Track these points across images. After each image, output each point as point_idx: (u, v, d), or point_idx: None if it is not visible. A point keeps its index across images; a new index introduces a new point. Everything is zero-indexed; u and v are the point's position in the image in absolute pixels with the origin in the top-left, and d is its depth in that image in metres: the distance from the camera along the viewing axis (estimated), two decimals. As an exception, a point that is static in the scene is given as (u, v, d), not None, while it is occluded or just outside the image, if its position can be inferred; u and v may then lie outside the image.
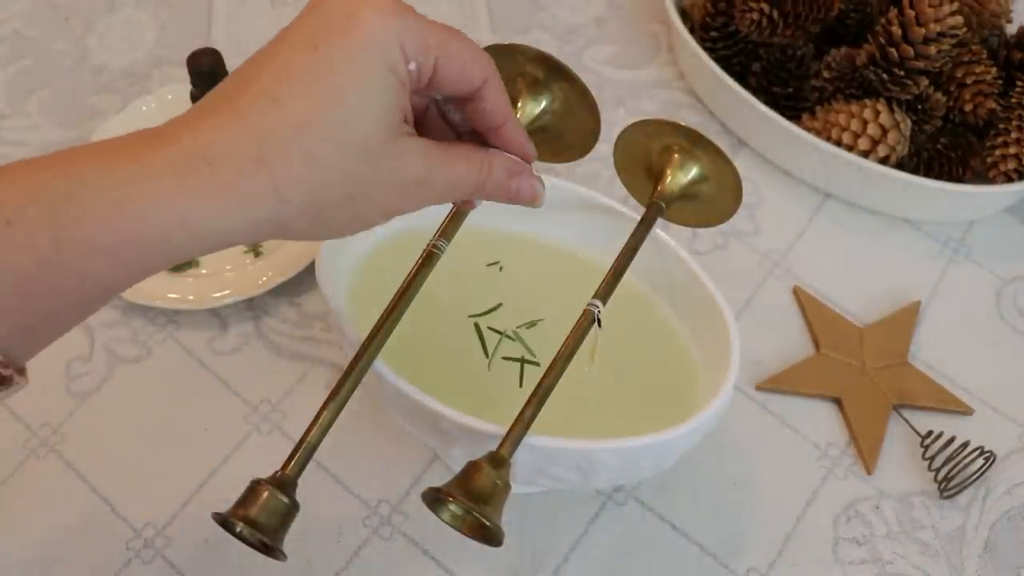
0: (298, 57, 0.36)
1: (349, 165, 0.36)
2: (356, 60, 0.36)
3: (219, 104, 0.36)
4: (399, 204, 0.39)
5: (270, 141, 0.35)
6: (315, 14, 0.37)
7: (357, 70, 0.36)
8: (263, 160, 0.35)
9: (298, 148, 0.35)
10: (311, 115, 0.35)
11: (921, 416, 0.61)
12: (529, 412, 0.44)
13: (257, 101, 0.35)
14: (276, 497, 0.41)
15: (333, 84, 0.35)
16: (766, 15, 0.68)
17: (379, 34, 0.36)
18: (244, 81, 0.36)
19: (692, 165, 0.53)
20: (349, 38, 0.36)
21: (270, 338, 0.62)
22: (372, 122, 0.36)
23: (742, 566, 0.56)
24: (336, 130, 0.36)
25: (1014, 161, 0.66)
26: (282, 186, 0.36)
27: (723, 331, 0.51)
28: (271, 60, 0.36)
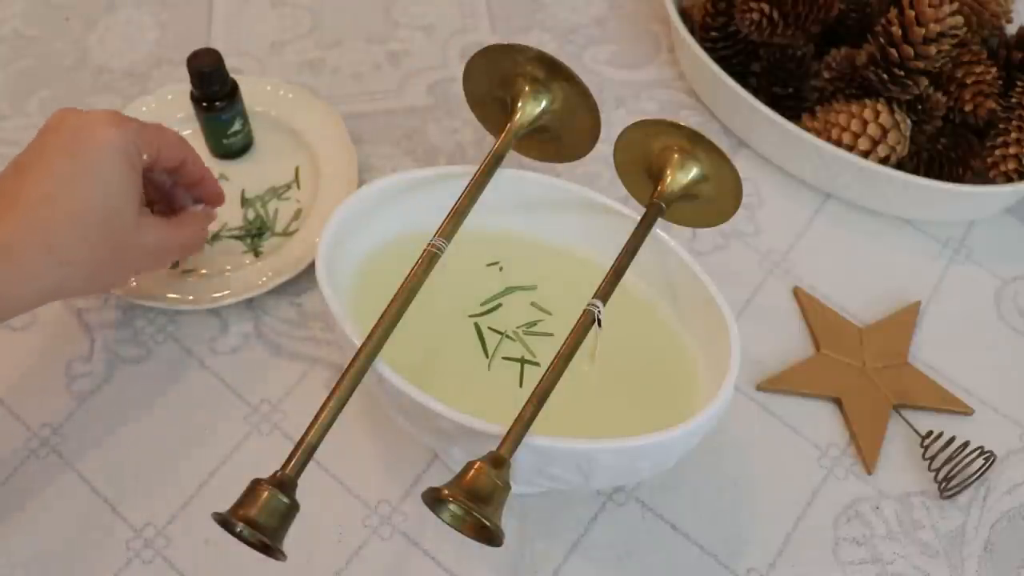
0: (61, 163, 0.47)
1: (114, 238, 0.49)
2: (106, 161, 0.48)
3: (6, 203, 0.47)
4: (150, 263, 0.55)
5: (54, 231, 0.47)
6: (60, 132, 0.48)
7: (109, 168, 0.48)
8: (52, 247, 0.47)
9: (76, 232, 0.48)
10: (82, 207, 0.48)
11: (921, 416, 0.62)
12: (529, 412, 0.44)
13: (36, 201, 0.47)
14: (276, 497, 0.41)
15: (92, 181, 0.48)
16: (766, 15, 0.68)
17: (119, 141, 0.49)
18: (18, 184, 0.47)
19: (692, 165, 0.53)
20: (98, 146, 0.48)
21: (270, 338, 0.62)
22: (125, 205, 0.49)
23: (742, 566, 0.56)
24: (101, 214, 0.48)
25: (1014, 161, 0.66)
26: (66, 262, 0.48)
27: (723, 331, 0.51)
28: (37, 168, 0.47)
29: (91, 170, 0.48)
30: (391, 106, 0.75)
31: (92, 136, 0.48)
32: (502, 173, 0.55)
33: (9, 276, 0.46)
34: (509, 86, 0.55)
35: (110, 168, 0.48)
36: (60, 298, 0.51)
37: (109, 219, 0.49)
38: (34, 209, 0.47)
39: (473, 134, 0.73)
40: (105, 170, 0.48)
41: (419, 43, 0.79)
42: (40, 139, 0.49)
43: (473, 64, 0.55)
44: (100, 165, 0.48)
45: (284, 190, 0.68)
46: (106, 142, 0.48)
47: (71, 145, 0.48)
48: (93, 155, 0.48)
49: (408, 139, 0.73)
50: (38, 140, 0.49)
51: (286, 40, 0.79)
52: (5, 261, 0.46)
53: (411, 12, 0.81)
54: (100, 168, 0.48)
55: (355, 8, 0.81)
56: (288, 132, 0.71)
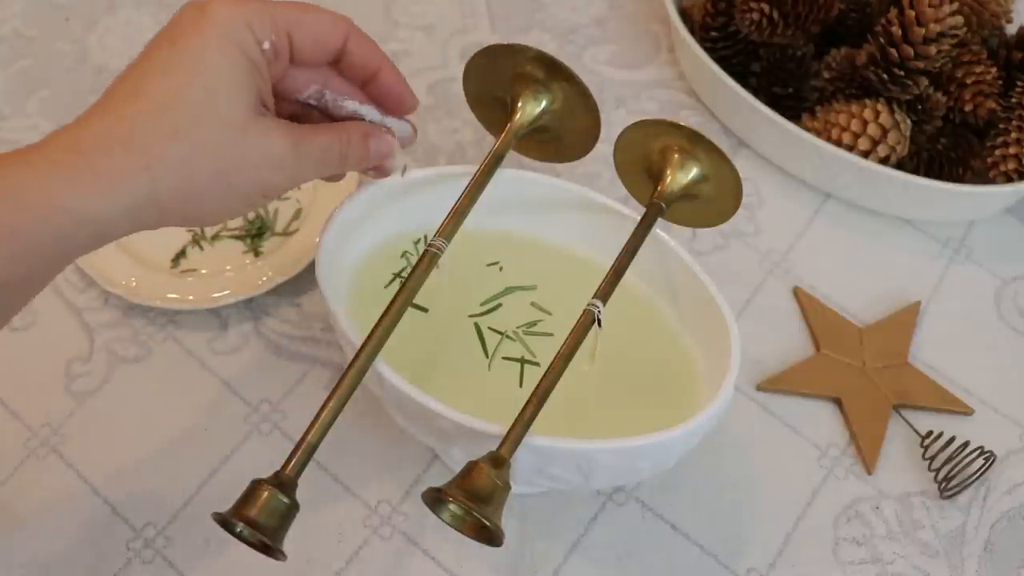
0: (158, 54, 0.40)
1: (213, 138, 0.40)
2: (209, 46, 0.40)
3: (91, 108, 0.40)
4: (270, 178, 0.42)
5: (136, 124, 0.39)
6: (173, 20, 0.41)
7: (211, 55, 0.40)
8: (132, 141, 0.38)
9: (163, 126, 0.39)
10: (172, 98, 0.39)
11: (921, 416, 0.61)
12: (529, 412, 0.44)
13: (123, 96, 0.39)
14: (276, 497, 0.41)
15: (190, 69, 0.39)
16: (766, 15, 0.68)
17: (229, 22, 0.40)
18: (113, 85, 0.41)
19: (692, 165, 0.53)
20: (201, 29, 0.40)
21: (270, 338, 0.62)
22: (231, 99, 0.40)
23: (742, 566, 0.56)
24: (197, 107, 0.39)
25: (1014, 161, 0.66)
26: (153, 163, 0.39)
27: (723, 331, 0.51)
28: (137, 63, 0.41)
29: (188, 58, 0.40)
30: (391, 106, 0.75)
31: (199, 19, 0.40)
32: (502, 173, 0.55)
33: (81, 179, 0.38)
34: (509, 86, 0.55)
35: (213, 55, 0.40)
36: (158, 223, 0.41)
37: (208, 116, 0.40)
38: (119, 105, 0.39)
39: (473, 134, 0.73)
40: (206, 57, 0.40)
41: (419, 43, 0.79)
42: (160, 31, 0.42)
43: (473, 64, 0.55)
44: (200, 52, 0.40)
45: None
46: (213, 25, 0.40)
47: (174, 31, 0.40)
48: (194, 40, 0.40)
49: (408, 139, 0.73)
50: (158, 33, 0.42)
51: (286, 40, 0.79)
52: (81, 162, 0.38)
53: (411, 12, 0.81)
54: (199, 55, 0.40)
55: (355, 8, 0.81)
56: (288, 132, 0.71)
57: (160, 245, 0.64)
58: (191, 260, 0.64)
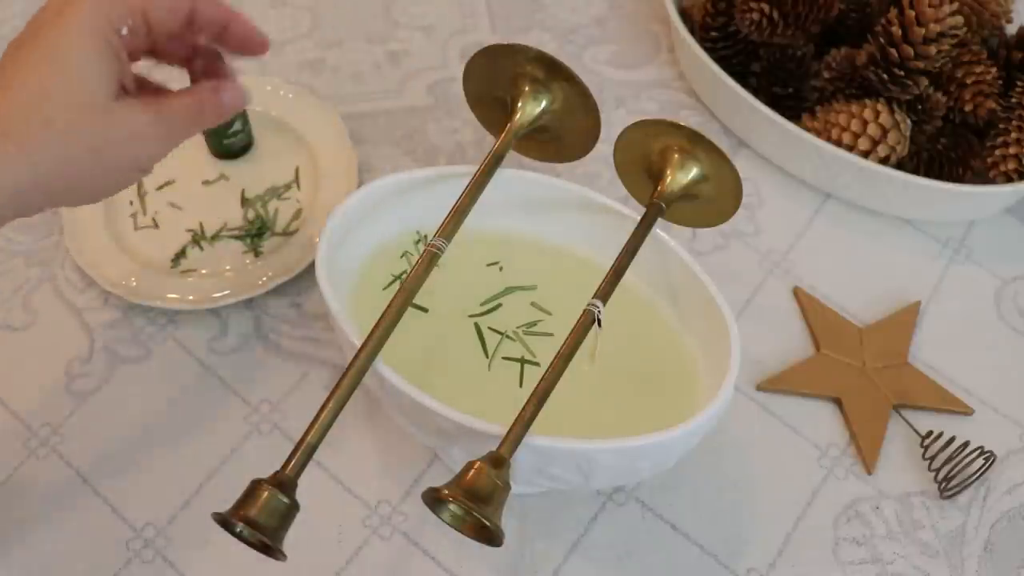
0: (23, 49, 0.43)
1: (83, 121, 0.43)
2: (70, 37, 0.43)
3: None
4: (142, 150, 0.46)
5: (12, 116, 0.42)
6: (36, 14, 0.45)
7: (72, 45, 0.43)
8: (7, 133, 0.41)
9: (35, 115, 0.42)
10: (41, 89, 0.42)
11: (921, 416, 0.61)
12: (529, 412, 0.44)
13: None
14: (276, 497, 0.41)
15: (54, 62, 0.43)
16: (766, 15, 0.68)
17: (87, 14, 0.43)
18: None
19: (692, 165, 0.53)
20: (61, 22, 0.43)
21: (270, 338, 0.62)
22: (94, 84, 0.43)
23: (742, 566, 0.56)
24: (64, 96, 0.42)
25: (1014, 161, 0.66)
26: (30, 151, 0.42)
27: (723, 331, 0.51)
28: (5, 58, 0.44)
29: (51, 52, 0.43)
30: (391, 106, 0.75)
31: (60, 12, 0.43)
32: (502, 173, 0.55)
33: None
34: (509, 86, 0.55)
35: (75, 49, 0.43)
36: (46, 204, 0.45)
37: (74, 104, 0.43)
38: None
39: (473, 134, 0.73)
40: (67, 51, 0.43)
41: (419, 43, 0.79)
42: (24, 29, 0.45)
43: (473, 64, 0.55)
44: (62, 46, 0.43)
45: (284, 190, 0.68)
46: (72, 18, 0.43)
47: (37, 26, 0.44)
48: (54, 33, 0.43)
49: (408, 139, 0.73)
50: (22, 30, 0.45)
51: (286, 40, 0.79)
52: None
53: (411, 12, 0.81)
54: (61, 50, 0.43)
55: (355, 8, 0.81)
56: (288, 132, 0.71)
57: (160, 245, 0.64)
58: (191, 260, 0.64)
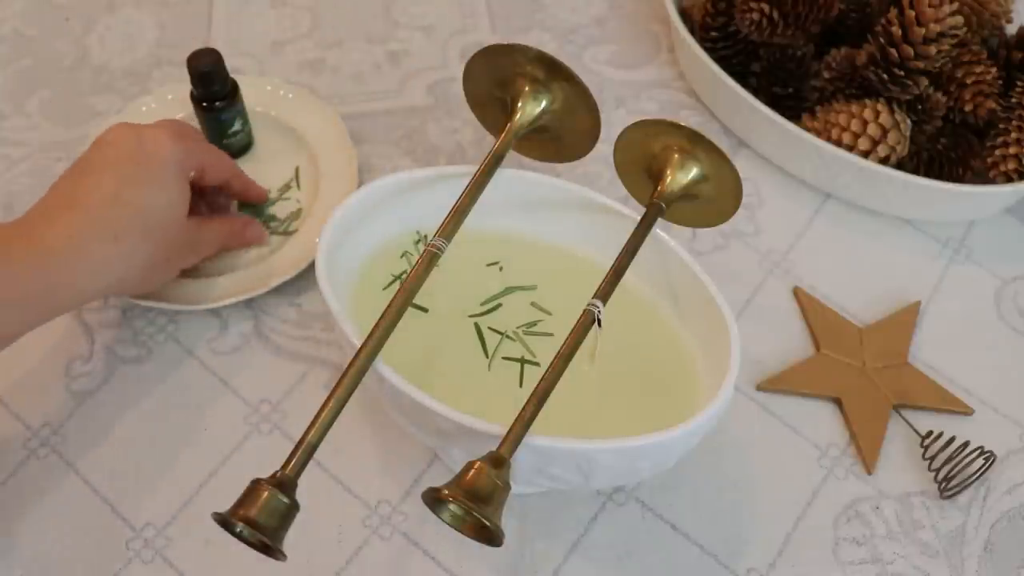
0: (126, 168, 0.53)
1: (169, 236, 0.55)
2: (167, 170, 0.55)
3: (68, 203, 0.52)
4: (189, 256, 0.59)
5: (122, 226, 0.53)
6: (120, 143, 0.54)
7: (169, 175, 0.55)
8: (119, 240, 0.52)
9: (139, 224, 0.53)
10: (145, 205, 0.53)
11: (921, 416, 0.62)
12: (529, 412, 0.44)
13: (102, 200, 0.52)
14: (276, 497, 0.41)
15: (157, 185, 0.54)
16: (766, 15, 0.68)
17: (172, 156, 0.55)
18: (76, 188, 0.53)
19: (692, 165, 0.53)
20: (161, 155, 0.54)
21: (270, 338, 0.62)
22: (180, 207, 0.56)
23: (742, 566, 0.56)
24: (162, 212, 0.55)
25: (1014, 161, 0.66)
26: (128, 255, 0.53)
27: (723, 331, 0.51)
28: (101, 172, 0.53)
29: (154, 176, 0.54)
30: (391, 106, 0.75)
31: (155, 147, 0.54)
32: (502, 173, 0.55)
33: (81, 268, 0.51)
34: (509, 86, 0.55)
35: (167, 176, 0.54)
36: (118, 293, 0.59)
37: (167, 219, 0.55)
38: (101, 207, 0.52)
39: (473, 134, 0.73)
40: (165, 176, 0.54)
41: (419, 43, 0.79)
42: (98, 150, 0.54)
43: (473, 64, 0.55)
44: (161, 172, 0.54)
45: (284, 190, 0.68)
46: (167, 153, 0.54)
47: (136, 154, 0.53)
48: (156, 162, 0.54)
49: (408, 139, 0.73)
50: (96, 151, 0.54)
51: (286, 40, 0.79)
52: (77, 253, 0.51)
53: (411, 12, 0.81)
54: (161, 174, 0.54)
55: (355, 8, 0.81)
56: (288, 132, 0.71)
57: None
58: (191, 260, 0.64)
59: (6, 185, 0.69)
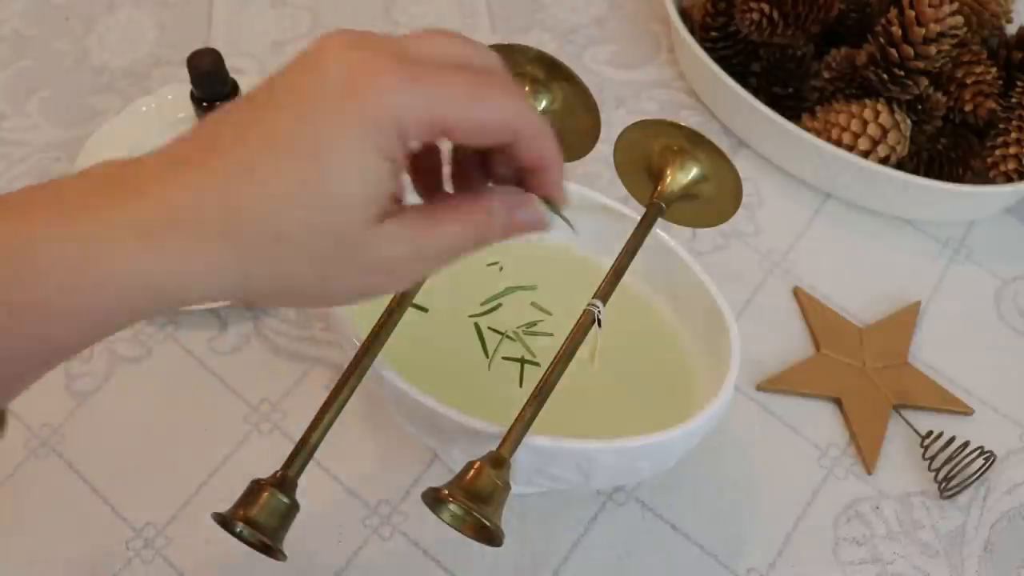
0: (284, 125, 0.32)
1: (323, 250, 0.33)
2: (345, 142, 0.32)
3: (191, 155, 0.33)
4: (384, 283, 0.36)
5: (240, 215, 0.32)
6: (313, 74, 0.33)
7: (344, 154, 0.32)
8: (229, 234, 0.32)
9: (269, 226, 0.32)
10: (286, 194, 0.32)
11: (921, 416, 0.61)
12: (529, 412, 0.44)
13: (231, 168, 0.32)
14: (276, 497, 0.41)
15: (315, 165, 0.32)
16: (766, 15, 0.68)
17: (374, 115, 0.32)
18: (222, 136, 0.33)
19: (692, 165, 0.53)
20: (342, 116, 0.32)
21: (270, 338, 0.62)
22: (352, 211, 0.33)
23: (742, 566, 0.56)
24: (312, 213, 0.33)
25: (1014, 161, 0.66)
26: (247, 261, 0.33)
27: (723, 331, 0.51)
28: (256, 120, 0.33)
29: (318, 149, 0.32)
30: (391, 106, 0.75)
31: (344, 99, 0.32)
32: (502, 173, 0.55)
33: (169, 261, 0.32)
34: (509, 86, 0.55)
35: (346, 158, 0.32)
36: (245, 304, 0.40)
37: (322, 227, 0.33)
38: (226, 175, 0.32)
39: (473, 134, 0.73)
40: (336, 159, 0.32)
41: (419, 43, 0.79)
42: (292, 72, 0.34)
43: (473, 64, 0.55)
44: (332, 144, 0.32)
45: (284, 190, 0.68)
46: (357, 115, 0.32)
47: (311, 102, 0.32)
48: (329, 128, 0.32)
49: (408, 139, 0.73)
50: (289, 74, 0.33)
51: (286, 40, 0.79)
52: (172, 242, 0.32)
53: (411, 12, 0.81)
54: (330, 150, 0.32)
55: (355, 8, 0.81)
56: (288, 132, 0.70)
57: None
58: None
59: (6, 185, 0.69)
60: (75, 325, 0.33)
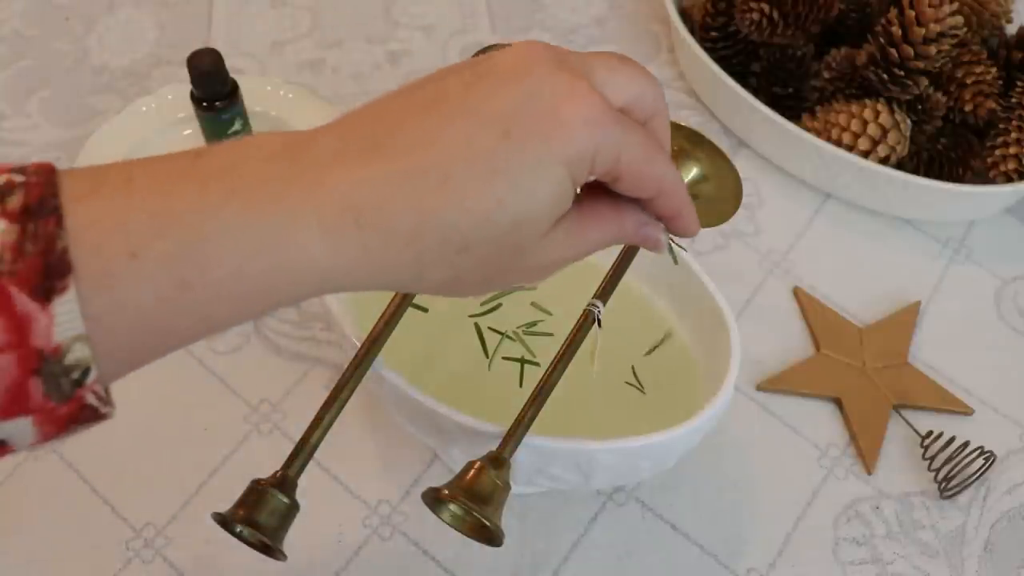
0: (484, 139, 0.32)
1: (501, 261, 0.34)
2: (544, 168, 0.33)
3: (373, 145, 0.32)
4: (532, 279, 0.38)
5: (429, 224, 0.32)
6: (518, 91, 0.33)
7: (541, 179, 0.33)
8: (415, 240, 0.32)
9: (459, 237, 0.33)
10: (482, 211, 0.32)
11: (921, 416, 0.61)
12: (529, 412, 0.44)
13: (425, 174, 0.32)
14: (276, 497, 0.41)
15: (516, 187, 0.33)
16: (766, 15, 0.68)
17: (577, 148, 0.33)
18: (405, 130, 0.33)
19: (692, 165, 0.53)
20: (547, 144, 0.32)
21: (270, 338, 0.62)
22: (538, 229, 0.34)
23: (742, 566, 0.56)
24: (503, 231, 0.33)
25: (1014, 161, 0.66)
26: (426, 265, 0.33)
27: (723, 331, 0.51)
28: (445, 123, 0.33)
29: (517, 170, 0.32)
30: (391, 106, 0.75)
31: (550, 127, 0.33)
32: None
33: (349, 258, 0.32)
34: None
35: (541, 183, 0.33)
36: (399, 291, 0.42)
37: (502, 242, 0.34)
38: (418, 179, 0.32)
39: (473, 134, 0.73)
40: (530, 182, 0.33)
41: (419, 43, 0.79)
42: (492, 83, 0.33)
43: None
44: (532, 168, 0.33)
45: (284, 190, 0.68)
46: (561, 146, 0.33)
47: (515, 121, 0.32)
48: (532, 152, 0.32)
49: (408, 139, 0.73)
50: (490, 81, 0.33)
51: (286, 40, 0.79)
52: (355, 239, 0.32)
53: (411, 12, 0.81)
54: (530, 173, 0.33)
55: (355, 8, 0.81)
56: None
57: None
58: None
59: (6, 185, 0.69)
60: (239, 307, 0.32)
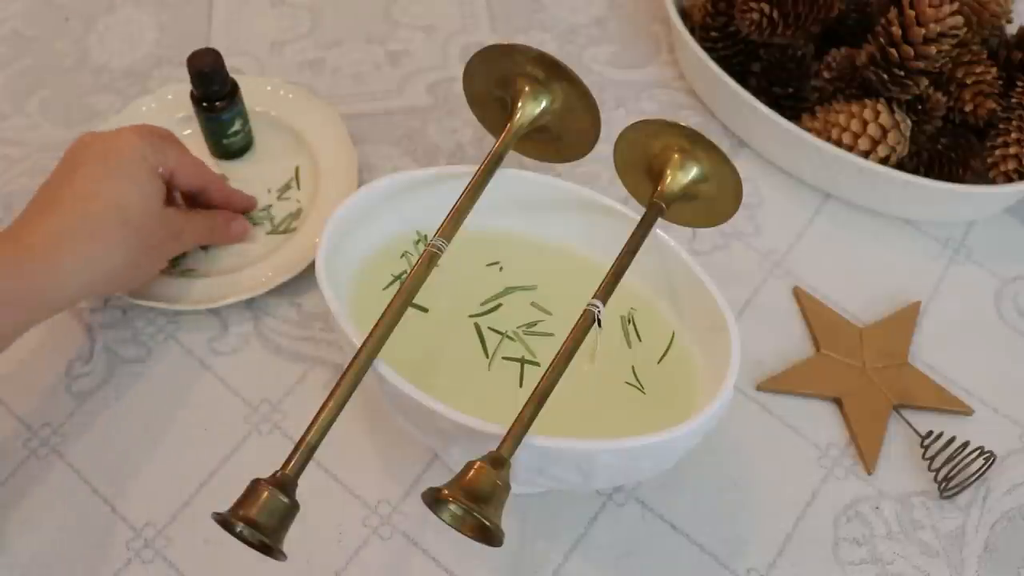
0: (96, 168, 0.55)
1: (148, 223, 0.56)
2: (133, 164, 0.56)
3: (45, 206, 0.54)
4: (172, 248, 0.60)
5: (100, 220, 0.54)
6: (91, 146, 0.56)
7: (135, 169, 0.56)
8: (96, 235, 0.54)
9: (116, 218, 0.55)
10: (118, 199, 0.55)
11: (921, 416, 0.62)
12: (529, 412, 0.44)
13: (81, 198, 0.54)
14: (276, 497, 0.41)
15: (127, 179, 0.56)
16: (766, 15, 0.68)
17: (139, 151, 0.57)
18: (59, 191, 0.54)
19: (692, 165, 0.53)
20: (127, 153, 0.56)
21: (270, 338, 0.62)
22: (155, 197, 0.57)
23: (742, 566, 0.56)
24: (138, 202, 0.56)
25: (1014, 161, 0.66)
26: (109, 248, 0.54)
27: (723, 331, 0.51)
28: (76, 175, 0.55)
29: (123, 170, 0.56)
30: (391, 106, 0.75)
31: (118, 145, 0.56)
32: (502, 173, 0.55)
33: (63, 266, 0.52)
34: (509, 86, 0.55)
35: (136, 169, 0.56)
36: (108, 291, 0.60)
37: (143, 211, 0.56)
38: (79, 204, 0.54)
39: (473, 134, 0.73)
40: (133, 171, 0.56)
41: (419, 43, 0.79)
42: (72, 156, 0.56)
43: (473, 64, 0.55)
44: (129, 167, 0.56)
45: (284, 190, 0.68)
46: (129, 149, 0.56)
47: (102, 154, 0.56)
48: (123, 158, 0.56)
49: (408, 139, 0.73)
50: (69, 157, 0.56)
51: (286, 40, 0.79)
52: (57, 252, 0.52)
53: (411, 12, 0.81)
54: (129, 169, 0.56)
55: (355, 8, 0.81)
56: (288, 132, 0.71)
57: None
58: (191, 260, 0.64)
59: (6, 185, 0.69)
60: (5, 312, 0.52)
